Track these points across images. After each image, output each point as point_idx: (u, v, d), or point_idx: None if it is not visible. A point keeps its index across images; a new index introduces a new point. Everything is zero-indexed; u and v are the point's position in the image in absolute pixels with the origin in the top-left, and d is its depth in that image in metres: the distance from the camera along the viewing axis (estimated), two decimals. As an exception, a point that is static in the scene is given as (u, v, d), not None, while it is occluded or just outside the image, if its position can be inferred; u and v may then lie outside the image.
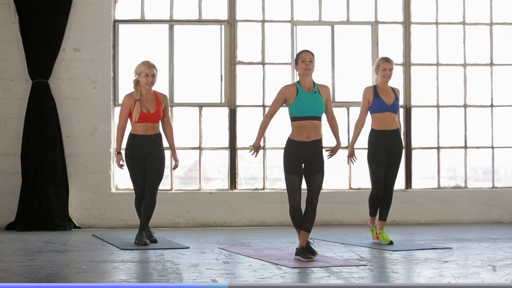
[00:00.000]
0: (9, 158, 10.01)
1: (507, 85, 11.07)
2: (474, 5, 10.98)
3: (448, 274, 5.97)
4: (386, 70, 8.06)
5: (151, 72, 8.01)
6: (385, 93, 8.07)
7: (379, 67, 8.08)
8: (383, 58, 8.13)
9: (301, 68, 6.95)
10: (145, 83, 7.99)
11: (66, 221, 9.84)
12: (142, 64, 8.04)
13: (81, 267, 6.33)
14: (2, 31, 10.02)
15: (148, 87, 8.01)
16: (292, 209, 6.94)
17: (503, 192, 10.80)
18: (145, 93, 8.02)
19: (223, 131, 10.49)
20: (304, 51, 7.01)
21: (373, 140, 8.10)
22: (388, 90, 8.11)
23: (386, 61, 8.08)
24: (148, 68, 8.00)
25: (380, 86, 8.10)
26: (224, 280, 5.69)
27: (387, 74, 8.06)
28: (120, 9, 10.46)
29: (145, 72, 7.99)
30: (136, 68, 8.09)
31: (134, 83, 8.07)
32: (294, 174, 6.91)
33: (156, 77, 8.07)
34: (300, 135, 6.90)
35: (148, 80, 7.99)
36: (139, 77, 8.01)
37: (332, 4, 10.72)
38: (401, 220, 10.49)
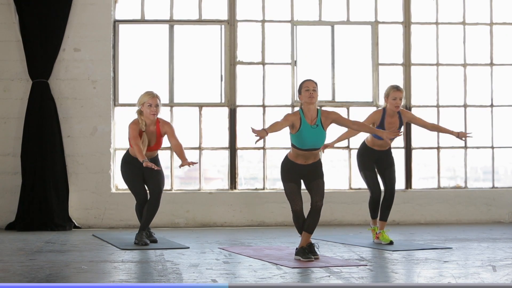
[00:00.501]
0: (9, 158, 10.01)
1: (507, 85, 11.07)
2: (474, 5, 10.98)
3: (448, 274, 5.97)
4: (397, 99, 7.97)
5: (154, 102, 7.92)
6: (390, 123, 8.02)
7: (389, 96, 7.99)
8: (393, 87, 8.02)
9: (305, 97, 6.88)
10: (149, 114, 7.91)
11: (66, 221, 9.84)
12: (146, 95, 7.96)
13: (81, 267, 6.33)
14: (2, 31, 10.02)
15: (152, 117, 7.93)
16: (295, 214, 6.92)
17: (503, 192, 10.80)
18: (148, 123, 7.96)
19: (223, 131, 10.49)
20: (307, 80, 6.95)
21: (362, 152, 8.22)
22: (394, 118, 8.05)
23: (397, 89, 7.98)
24: (151, 99, 7.92)
25: (389, 113, 8.04)
26: (224, 280, 5.69)
27: (398, 103, 7.98)
28: (120, 9, 10.46)
29: (149, 102, 7.91)
30: (139, 99, 7.99)
31: (137, 114, 7.99)
32: (291, 182, 6.94)
33: (160, 107, 7.98)
34: (298, 159, 6.96)
35: (152, 110, 7.91)
36: (143, 107, 7.94)
37: (332, 4, 10.72)
38: (401, 220, 10.49)
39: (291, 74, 10.56)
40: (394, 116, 8.04)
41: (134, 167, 7.98)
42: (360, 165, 8.22)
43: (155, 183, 7.98)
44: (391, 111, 8.02)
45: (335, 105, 10.62)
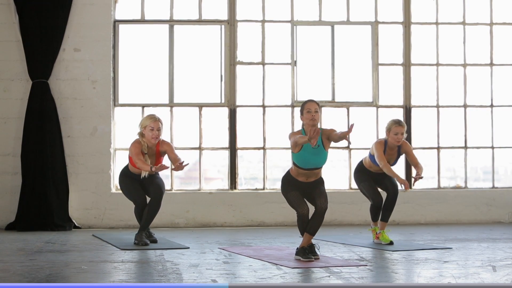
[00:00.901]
0: (9, 158, 10.01)
1: (507, 85, 11.07)
2: (474, 5, 10.98)
3: (448, 274, 5.97)
4: (398, 134, 7.96)
5: (156, 126, 7.92)
6: (390, 154, 8.07)
7: (391, 130, 7.98)
8: (395, 122, 7.99)
9: (307, 119, 6.87)
10: (150, 137, 7.91)
11: (66, 221, 9.83)
12: (148, 118, 7.96)
13: (81, 267, 6.33)
14: (2, 31, 10.02)
15: (154, 141, 7.93)
16: (302, 217, 6.89)
17: (503, 192, 10.80)
18: (150, 146, 7.98)
19: (223, 131, 10.49)
20: (309, 102, 6.91)
21: (358, 169, 8.29)
22: (394, 150, 8.07)
23: (399, 125, 7.96)
24: (153, 122, 7.92)
25: (390, 145, 8.04)
26: (224, 280, 5.69)
27: (399, 138, 7.97)
28: (120, 9, 10.46)
29: (151, 126, 7.91)
30: (141, 122, 7.99)
31: (139, 136, 7.99)
32: (293, 190, 6.95)
33: (162, 131, 7.98)
34: (299, 177, 6.97)
35: (154, 134, 7.91)
36: (144, 130, 7.94)
37: (332, 4, 10.72)
38: (401, 220, 10.49)
39: (291, 74, 10.56)
40: (394, 148, 8.07)
41: (133, 179, 8.03)
42: (357, 180, 8.29)
43: (156, 187, 8.00)
44: (392, 144, 8.03)
45: (335, 105, 10.62)
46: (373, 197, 8.12)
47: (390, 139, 8.00)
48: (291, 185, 6.98)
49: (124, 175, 8.14)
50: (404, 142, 8.09)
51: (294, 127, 10.30)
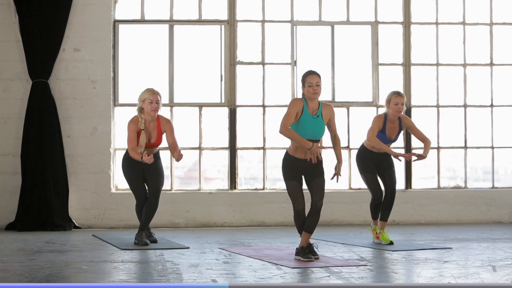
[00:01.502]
0: (9, 158, 10.01)
1: (507, 85, 11.07)
2: (474, 5, 10.98)
3: (448, 274, 5.97)
4: (398, 104, 7.99)
5: (155, 98, 7.93)
6: (391, 128, 8.09)
7: (391, 101, 8.01)
8: (394, 92, 8.04)
9: (309, 92, 6.86)
10: (149, 110, 7.92)
11: (66, 221, 9.83)
12: (146, 91, 7.97)
13: (81, 267, 6.33)
14: (2, 31, 10.02)
15: (153, 113, 7.93)
16: (297, 213, 6.90)
17: (503, 192, 10.80)
18: (149, 120, 7.96)
19: (223, 131, 10.49)
20: (311, 74, 6.89)
21: (361, 153, 8.26)
22: (395, 123, 8.09)
23: (398, 95, 8.01)
24: (152, 95, 7.93)
25: (390, 118, 8.06)
26: (224, 280, 5.69)
27: (399, 108, 8.00)
28: (120, 9, 10.46)
29: (149, 99, 7.92)
30: (140, 96, 8.00)
31: (138, 111, 8.00)
32: (293, 180, 6.91)
33: (161, 104, 7.99)
34: (298, 153, 6.93)
35: (153, 107, 7.91)
36: (143, 104, 7.94)
37: (332, 4, 10.72)
38: (401, 220, 10.49)
39: (291, 74, 10.56)
40: (395, 121, 8.08)
41: (135, 165, 7.98)
42: (360, 168, 8.25)
43: (154, 182, 7.98)
44: (392, 116, 8.04)
45: (335, 105, 10.61)
46: (374, 191, 8.10)
47: (390, 111, 8.03)
48: (291, 169, 6.90)
49: (127, 159, 8.05)
50: (404, 116, 8.15)
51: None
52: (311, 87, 6.86)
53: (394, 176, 8.19)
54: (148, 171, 7.98)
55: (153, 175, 7.99)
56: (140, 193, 8.03)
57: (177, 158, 7.81)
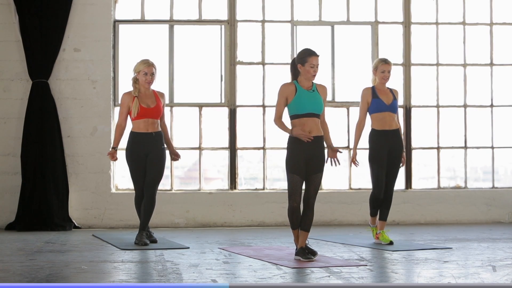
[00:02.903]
0: (9, 158, 10.01)
1: (507, 85, 11.07)
2: (474, 5, 10.98)
3: (448, 274, 5.97)
4: (385, 72, 8.06)
5: (150, 71, 7.99)
6: (383, 94, 8.10)
7: (378, 68, 8.08)
8: (381, 60, 8.12)
9: (309, 73, 6.83)
10: (144, 82, 7.98)
11: (66, 221, 9.83)
12: (141, 63, 8.02)
13: (81, 267, 6.33)
14: (2, 31, 10.02)
15: (147, 85, 7.99)
16: (291, 209, 6.90)
17: (503, 192, 10.80)
18: (143, 91, 8.01)
19: (223, 131, 10.49)
20: (314, 55, 6.84)
21: (373, 140, 8.12)
22: (386, 91, 8.13)
23: (385, 63, 8.08)
24: (147, 67, 7.98)
25: (378, 87, 8.11)
26: (224, 280, 5.69)
27: (386, 76, 8.07)
28: (120, 9, 10.46)
29: (144, 70, 7.97)
30: (135, 67, 8.07)
31: (132, 81, 8.04)
32: (296, 174, 6.84)
33: (155, 76, 8.05)
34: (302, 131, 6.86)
35: (147, 78, 7.97)
36: (138, 75, 8.00)
37: (332, 4, 10.72)
38: (401, 220, 10.49)
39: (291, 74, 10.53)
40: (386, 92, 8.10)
41: (139, 149, 7.93)
42: (372, 156, 8.08)
43: (151, 176, 7.92)
44: (380, 85, 8.06)
45: (335, 105, 10.62)
46: (376, 184, 8.05)
47: (378, 79, 8.08)
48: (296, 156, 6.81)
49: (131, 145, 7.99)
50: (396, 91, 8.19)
51: (294, 127, 10.28)
52: (313, 68, 6.84)
53: (396, 177, 8.16)
54: (151, 158, 7.94)
55: (154, 164, 7.93)
56: (140, 186, 8.02)
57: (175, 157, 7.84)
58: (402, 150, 8.15)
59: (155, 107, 7.97)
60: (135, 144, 7.96)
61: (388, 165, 8.09)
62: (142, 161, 7.96)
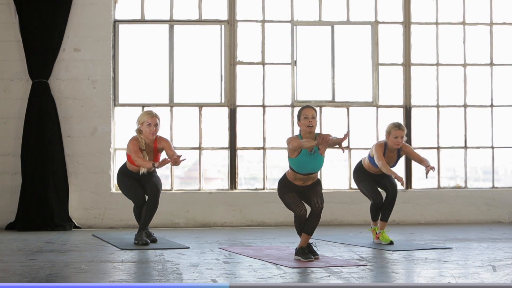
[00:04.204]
0: (9, 158, 10.01)
1: (507, 85, 11.07)
2: (474, 5, 10.98)
3: (448, 274, 5.97)
4: (398, 138, 8.02)
5: (154, 121, 7.93)
6: (390, 157, 8.14)
7: (391, 134, 8.03)
8: (395, 125, 8.03)
9: (304, 125, 6.88)
10: (148, 133, 7.93)
11: (66, 221, 9.83)
12: (145, 114, 7.99)
13: (81, 267, 6.33)
14: (2, 31, 10.02)
15: (151, 136, 7.95)
16: (299, 218, 6.88)
17: (503, 192, 10.80)
18: (147, 142, 7.99)
19: (223, 131, 10.49)
20: (306, 108, 6.92)
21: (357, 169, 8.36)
22: (394, 153, 8.13)
23: (399, 129, 8.01)
24: (150, 118, 7.94)
25: (390, 148, 8.09)
26: (224, 280, 5.69)
27: (398, 142, 8.02)
28: (120, 9, 10.46)
29: (148, 121, 7.93)
30: (138, 118, 8.01)
31: (137, 132, 8.01)
32: (290, 192, 6.98)
33: (159, 127, 7.99)
34: (296, 182, 7.00)
35: (151, 129, 7.92)
36: (142, 126, 7.95)
37: (332, 4, 10.72)
38: (401, 220, 10.49)
39: (291, 74, 10.55)
40: (394, 151, 8.13)
41: (131, 176, 8.05)
42: (356, 180, 8.35)
43: (153, 184, 8.00)
44: (391, 147, 8.08)
45: (335, 105, 10.62)
46: (373, 196, 8.15)
47: (390, 142, 8.05)
48: (287, 187, 7.00)
49: (122, 173, 8.15)
50: (403, 144, 8.13)
51: (294, 127, 10.29)
52: (307, 119, 6.87)
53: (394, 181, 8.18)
54: (145, 180, 8.03)
55: (150, 181, 8.03)
56: (138, 196, 8.04)
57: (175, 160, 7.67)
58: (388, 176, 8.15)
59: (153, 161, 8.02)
60: (127, 176, 8.10)
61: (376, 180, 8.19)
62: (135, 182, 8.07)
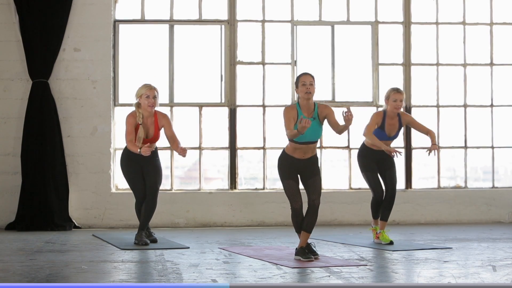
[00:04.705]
0: (9, 158, 10.01)
1: (507, 85, 11.07)
2: (474, 5, 10.98)
3: (448, 274, 5.98)
4: (397, 101, 8.04)
5: (152, 94, 7.95)
6: (391, 125, 8.11)
7: (390, 97, 8.06)
8: (394, 89, 8.09)
9: (302, 92, 6.88)
10: (146, 106, 7.92)
11: (66, 221, 9.84)
12: (143, 87, 7.99)
13: (81, 267, 6.33)
14: (2, 31, 10.02)
15: (150, 109, 7.94)
16: (295, 212, 6.91)
17: (503, 192, 10.80)
18: (146, 116, 7.97)
19: (223, 131, 10.49)
20: (304, 74, 6.94)
21: (362, 153, 8.27)
22: (394, 120, 8.11)
23: (397, 92, 8.05)
24: (149, 90, 7.95)
25: (389, 114, 8.09)
26: (224, 280, 5.70)
27: (398, 105, 8.04)
28: (120, 9, 10.46)
29: (146, 94, 7.93)
30: (137, 91, 8.02)
31: (135, 106, 8.01)
32: (289, 178, 6.93)
33: (158, 99, 8.00)
34: (296, 153, 6.95)
35: (150, 102, 7.92)
36: (140, 99, 7.95)
37: (332, 4, 10.72)
38: (401, 220, 10.49)
39: (291, 74, 10.55)
40: (394, 118, 8.10)
41: (134, 162, 7.99)
42: (362, 166, 8.26)
43: (152, 181, 7.98)
44: (391, 113, 8.08)
45: (335, 105, 10.61)
46: (375, 190, 8.11)
47: (389, 107, 8.07)
48: (287, 168, 6.93)
49: (126, 157, 8.06)
50: (403, 113, 8.19)
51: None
52: (305, 86, 6.88)
53: (395, 177, 8.20)
54: (147, 169, 7.99)
55: (151, 173, 7.99)
56: (140, 191, 8.04)
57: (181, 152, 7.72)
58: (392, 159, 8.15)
59: (153, 137, 7.99)
60: (129, 160, 8.03)
61: (381, 168, 8.16)
62: (138, 171, 8.02)
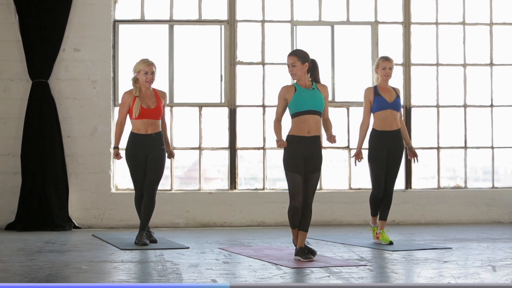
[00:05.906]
0: (9, 158, 10.01)
1: (507, 85, 11.07)
2: (474, 5, 10.98)
3: (448, 274, 5.98)
4: (386, 69, 8.11)
5: (150, 70, 7.99)
6: (386, 92, 8.12)
7: (379, 66, 8.14)
8: (382, 57, 8.18)
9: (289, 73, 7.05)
10: (144, 81, 7.97)
11: (66, 221, 9.83)
12: (141, 62, 8.02)
13: (81, 267, 6.33)
14: (2, 31, 10.02)
15: (148, 85, 7.99)
16: (292, 209, 6.90)
17: (503, 192, 10.80)
18: (144, 90, 8.00)
19: (223, 131, 10.49)
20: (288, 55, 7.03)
21: (373, 140, 8.15)
22: (389, 88, 8.16)
23: (386, 59, 8.13)
24: (147, 66, 7.98)
25: (381, 85, 8.15)
26: (224, 280, 5.69)
27: (387, 73, 8.11)
28: (120, 9, 10.46)
29: (144, 70, 7.97)
30: (135, 66, 8.06)
31: (132, 81, 8.04)
32: (297, 172, 6.87)
33: (155, 75, 8.04)
34: (301, 130, 6.88)
35: (148, 78, 7.97)
36: (138, 75, 7.99)
37: (332, 4, 10.72)
38: (401, 220, 10.49)
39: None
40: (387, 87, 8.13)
41: (139, 149, 7.95)
42: (371, 157, 8.11)
43: (151, 178, 7.93)
44: (382, 82, 8.10)
45: (335, 105, 10.62)
46: (375, 186, 8.07)
47: (380, 76, 8.13)
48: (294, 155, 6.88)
49: (131, 145, 8.01)
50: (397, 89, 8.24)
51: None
52: (288, 67, 7.02)
53: (396, 176, 8.17)
54: (151, 156, 7.94)
55: (154, 165, 7.94)
56: (140, 186, 8.02)
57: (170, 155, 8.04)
58: (402, 150, 8.16)
59: (155, 108, 7.97)
60: (134, 145, 7.98)
61: (388, 165, 8.10)
62: (142, 161, 7.97)
